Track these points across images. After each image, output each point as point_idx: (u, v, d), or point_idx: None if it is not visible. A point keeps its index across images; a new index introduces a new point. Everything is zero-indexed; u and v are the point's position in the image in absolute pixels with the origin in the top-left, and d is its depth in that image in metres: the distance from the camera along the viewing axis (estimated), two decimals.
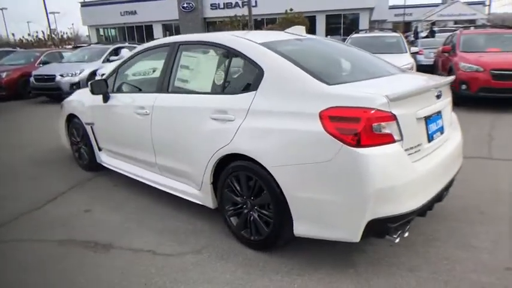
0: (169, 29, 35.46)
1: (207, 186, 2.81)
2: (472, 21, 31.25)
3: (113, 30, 38.25)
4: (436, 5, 38.22)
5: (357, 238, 2.11)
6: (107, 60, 10.88)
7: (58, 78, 9.90)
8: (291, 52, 2.61)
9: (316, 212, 2.21)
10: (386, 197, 2.05)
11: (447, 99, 2.69)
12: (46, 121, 7.95)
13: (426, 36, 20.85)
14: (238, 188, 2.60)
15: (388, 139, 2.07)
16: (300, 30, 3.27)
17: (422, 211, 2.25)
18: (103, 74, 9.13)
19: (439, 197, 2.42)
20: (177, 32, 33.41)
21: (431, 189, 2.30)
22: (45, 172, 4.48)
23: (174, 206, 3.33)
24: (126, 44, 12.45)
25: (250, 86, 2.54)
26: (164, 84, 3.15)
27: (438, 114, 2.54)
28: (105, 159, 4.07)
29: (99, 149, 4.12)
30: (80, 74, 10.10)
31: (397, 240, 2.19)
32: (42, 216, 3.33)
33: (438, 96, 2.48)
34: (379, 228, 2.11)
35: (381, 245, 2.58)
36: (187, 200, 3.09)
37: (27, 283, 2.40)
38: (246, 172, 2.50)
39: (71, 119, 4.45)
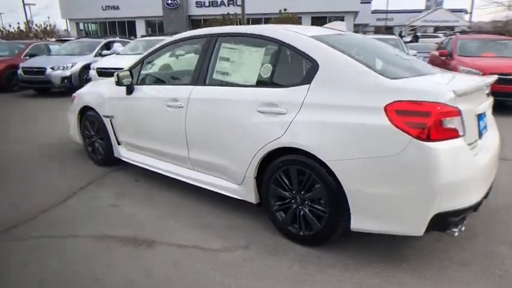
0: (152, 25, 34.88)
1: (250, 180, 2.76)
2: (451, 28, 32.37)
3: (93, 25, 37.24)
4: (419, 11, 39.34)
5: (420, 232, 2.12)
6: (99, 55, 10.57)
7: (49, 71, 9.52)
8: (342, 46, 2.60)
9: (377, 206, 2.20)
10: (452, 191, 2.07)
11: (491, 99, 2.75)
12: (39, 115, 7.67)
13: (410, 41, 21.43)
14: (287, 182, 2.56)
15: (454, 134, 2.09)
16: (340, 25, 3.27)
17: (477, 206, 2.29)
18: (99, 68, 8.88)
19: (487, 193, 2.47)
20: (160, 29, 32.93)
21: (486, 184, 2.34)
22: (58, 167, 4.29)
23: (205, 201, 3.26)
24: (117, 39, 12.13)
25: (302, 79, 2.51)
26: (201, 76, 3.07)
27: (484, 112, 2.60)
28: (124, 153, 3.93)
29: (118, 143, 3.98)
30: (71, 67, 9.76)
31: (456, 234, 2.22)
32: (67, 211, 3.18)
33: (488, 95, 2.53)
34: (442, 222, 2.13)
35: (428, 240, 2.61)
36: (218, 195, 3.04)
37: (77, 275, 2.29)
38: (298, 166, 2.47)
39: (85, 111, 4.28)
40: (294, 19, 17.04)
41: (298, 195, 2.53)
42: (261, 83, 2.73)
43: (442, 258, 2.45)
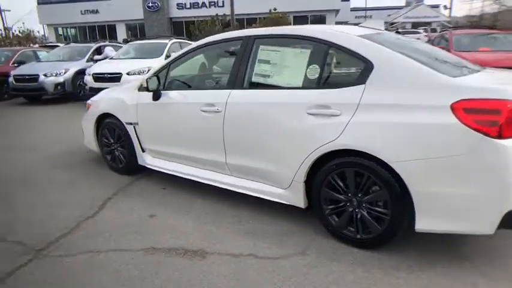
0: (133, 29, 34.33)
1: (299, 185, 2.70)
2: (428, 24, 33.11)
3: (73, 30, 36.35)
4: (398, 7, 40.13)
5: (492, 230, 2.11)
6: (91, 60, 10.30)
7: (42, 78, 9.20)
8: (391, 45, 2.57)
9: (446, 206, 2.18)
10: None
11: None
12: (39, 123, 7.41)
13: None
14: (341, 185, 2.51)
15: None
16: (378, 24, 3.25)
17: None
18: (95, 73, 8.64)
19: None
20: (142, 32, 32.44)
21: None
22: (77, 177, 4.12)
23: (243, 207, 3.18)
24: (107, 43, 11.85)
25: (355, 79, 2.47)
26: (238, 79, 2.99)
27: None
28: (150, 161, 3.81)
29: (143, 150, 3.85)
30: (65, 73, 9.47)
31: None
32: (103, 223, 3.05)
33: None
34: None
35: (483, 238, 2.61)
36: (255, 200, 3.00)
37: None
38: (356, 168, 2.42)
39: (103, 119, 4.13)
40: (284, 19, 17.04)
41: (354, 197, 2.49)
42: (308, 84, 2.67)
43: (503, 255, 2.45)
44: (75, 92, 9.73)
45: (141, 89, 3.72)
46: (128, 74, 8.39)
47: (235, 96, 2.96)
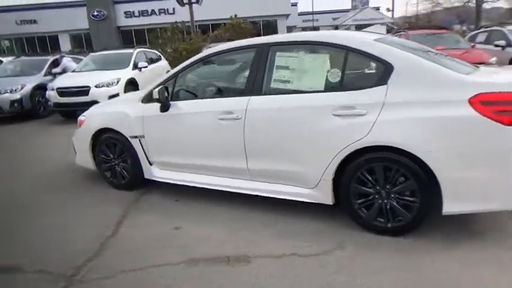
0: (78, 39, 32.74)
1: (327, 183, 2.84)
2: (369, 25, 35.22)
3: (7, 42, 33.85)
4: (343, 11, 42.18)
5: (511, 206, 2.40)
6: (49, 73, 9.75)
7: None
8: (402, 47, 2.81)
9: (470, 189, 2.43)
10: None
11: None
12: (1, 145, 6.88)
13: None
14: (371, 179, 2.69)
15: None
16: (380, 29, 3.48)
17: None
18: (60, 88, 8.22)
19: None
20: (88, 43, 31.06)
21: None
22: (74, 197, 3.94)
23: (265, 210, 3.26)
24: (64, 54, 11.27)
25: (377, 80, 2.67)
26: (256, 86, 3.08)
27: None
28: (158, 173, 3.75)
29: (150, 164, 3.78)
30: (21, 89, 8.87)
31: None
32: (127, 241, 2.97)
33: None
34: None
35: (486, 215, 2.91)
36: (273, 202, 3.11)
37: None
38: (385, 163, 2.61)
39: (100, 134, 3.99)
40: (246, 24, 17.27)
41: (383, 190, 2.68)
42: (331, 87, 2.82)
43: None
44: (34, 109, 9.14)
45: (145, 100, 3.66)
46: (96, 86, 8.07)
47: (255, 103, 3.04)
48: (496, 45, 8.71)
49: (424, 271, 2.33)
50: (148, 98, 3.64)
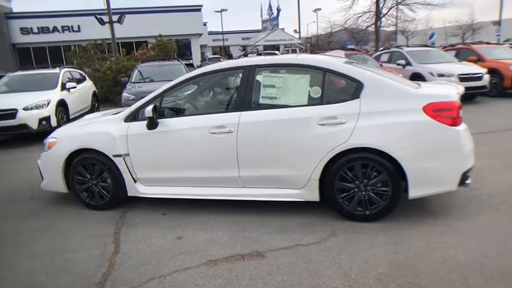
0: None
1: (315, 182, 3.35)
2: (280, 46, 37.93)
3: None
4: (257, 31, 44.49)
5: (455, 187, 3.18)
6: None
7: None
8: (365, 68, 3.49)
9: (428, 176, 3.16)
10: (469, 156, 3.21)
11: None
12: None
13: None
14: (351, 175, 3.27)
15: (462, 120, 3.23)
16: (340, 53, 4.14)
17: None
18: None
19: None
20: None
21: None
22: (58, 220, 3.80)
23: (261, 213, 3.62)
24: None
25: (351, 95, 3.28)
26: (245, 102, 3.47)
27: None
28: (143, 189, 3.85)
29: (135, 181, 3.85)
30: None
31: (470, 184, 3.33)
32: (136, 254, 3.05)
33: None
34: (464, 178, 3.22)
35: (440, 199, 3.72)
36: (261, 204, 3.53)
37: None
38: (363, 161, 3.22)
39: (75, 155, 3.93)
40: (169, 43, 17.28)
41: (361, 184, 3.27)
42: (313, 102, 3.36)
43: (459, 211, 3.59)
44: None
45: (128, 119, 3.77)
46: (25, 109, 7.50)
47: (247, 117, 3.42)
48: (398, 64, 10.41)
49: (404, 243, 2.95)
50: (132, 117, 3.75)
